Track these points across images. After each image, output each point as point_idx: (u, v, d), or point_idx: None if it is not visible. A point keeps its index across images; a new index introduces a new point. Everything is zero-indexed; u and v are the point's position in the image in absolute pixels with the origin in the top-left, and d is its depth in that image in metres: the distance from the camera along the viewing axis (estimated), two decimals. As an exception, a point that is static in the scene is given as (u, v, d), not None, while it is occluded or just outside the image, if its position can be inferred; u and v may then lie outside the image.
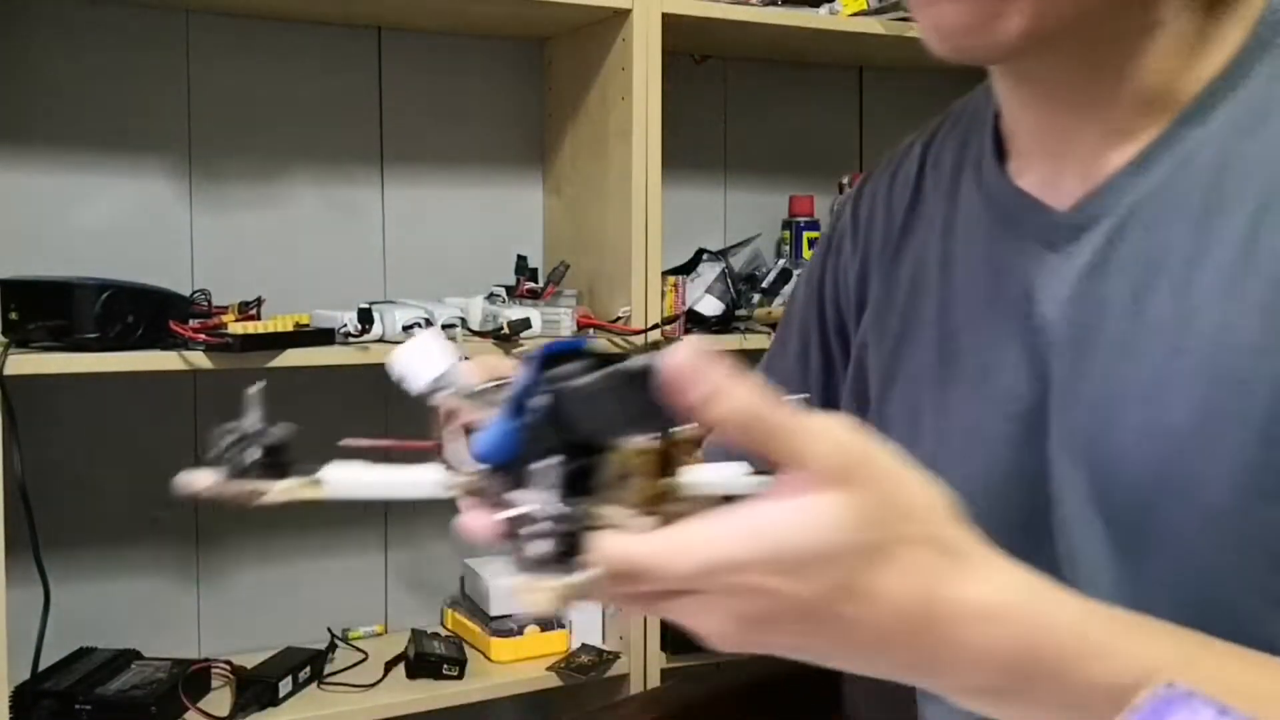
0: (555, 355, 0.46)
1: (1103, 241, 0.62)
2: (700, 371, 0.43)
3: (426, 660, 1.68)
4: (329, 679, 1.66)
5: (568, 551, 0.42)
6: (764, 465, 0.47)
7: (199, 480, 0.49)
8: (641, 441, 0.44)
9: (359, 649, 1.75)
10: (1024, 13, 0.56)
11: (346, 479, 0.50)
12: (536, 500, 0.44)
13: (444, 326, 1.59)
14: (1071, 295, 0.63)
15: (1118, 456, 0.60)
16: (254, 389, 0.50)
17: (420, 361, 0.58)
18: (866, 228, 0.81)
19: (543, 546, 0.43)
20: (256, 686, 1.58)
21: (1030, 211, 0.66)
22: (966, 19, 0.57)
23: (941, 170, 0.76)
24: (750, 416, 0.43)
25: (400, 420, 1.91)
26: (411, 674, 1.68)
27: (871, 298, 0.79)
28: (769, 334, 1.71)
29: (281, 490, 0.49)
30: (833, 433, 0.44)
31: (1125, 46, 0.60)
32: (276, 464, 0.50)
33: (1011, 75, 0.65)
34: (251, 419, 0.51)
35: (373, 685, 1.64)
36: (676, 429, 0.45)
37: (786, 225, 2.06)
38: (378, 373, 1.75)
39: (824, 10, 1.84)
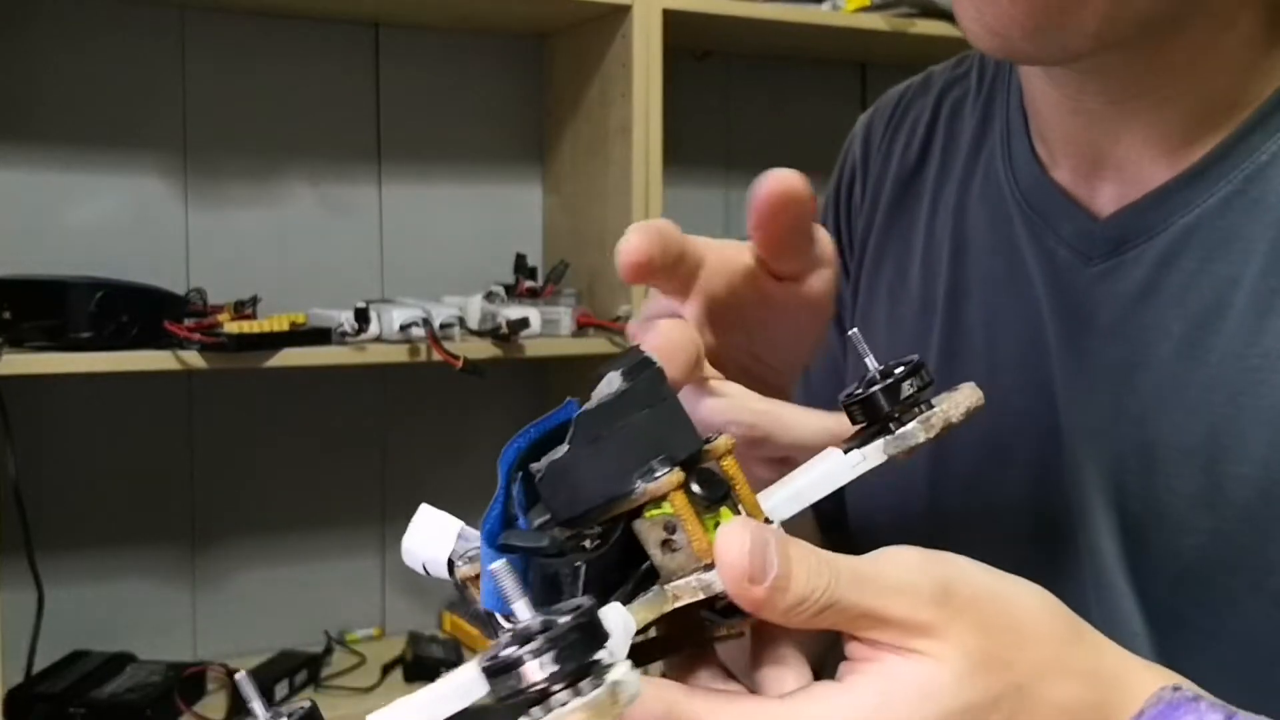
0: (538, 444, 0.38)
1: (1153, 265, 0.55)
2: (761, 551, 0.36)
3: (424, 663, 1.67)
4: (326, 682, 1.65)
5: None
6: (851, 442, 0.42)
7: None
8: (663, 481, 0.36)
9: (356, 652, 1.74)
10: (1098, 13, 0.49)
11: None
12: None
13: (442, 326, 1.57)
14: (1113, 322, 0.56)
15: (1162, 519, 0.53)
16: (241, 676, 0.37)
17: (434, 539, 0.46)
18: (878, 171, 0.73)
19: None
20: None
21: (1066, 213, 0.59)
22: (1031, 18, 0.49)
23: (959, 132, 0.68)
24: (831, 599, 0.36)
25: (400, 420, 1.90)
26: (409, 677, 1.67)
27: (868, 256, 0.71)
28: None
29: None
30: (909, 576, 0.38)
31: (1193, 49, 0.53)
32: None
33: (1055, 72, 0.57)
34: (257, 711, 0.37)
35: (370, 689, 1.63)
36: (704, 442, 0.38)
37: (788, 223, 2.04)
38: (375, 373, 1.76)
39: (826, 6, 1.83)
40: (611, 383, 0.38)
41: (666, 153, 1.70)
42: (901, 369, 0.42)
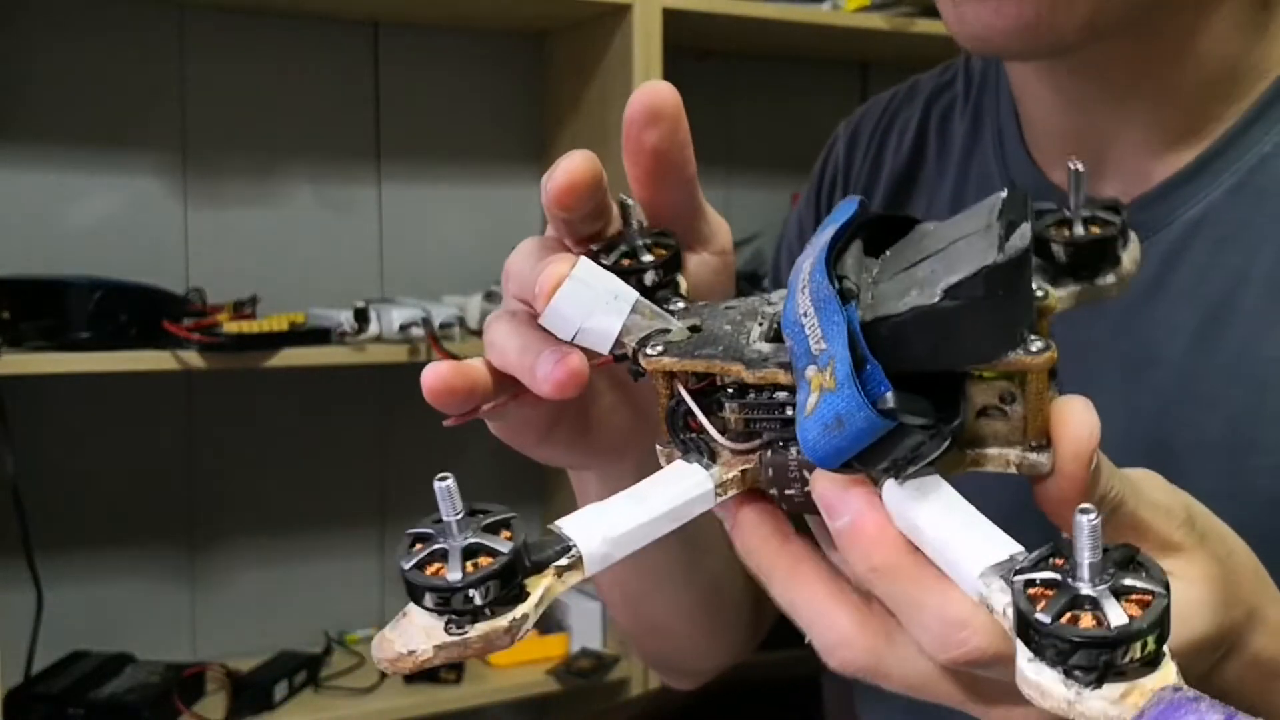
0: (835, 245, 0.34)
1: (1160, 260, 0.55)
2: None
3: (424, 664, 1.66)
4: (325, 683, 1.65)
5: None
6: None
7: (419, 649, 0.32)
8: (1043, 358, 0.33)
9: (355, 652, 1.73)
10: (1088, 2, 0.49)
11: (602, 542, 0.34)
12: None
13: (441, 326, 1.57)
14: (1120, 318, 0.55)
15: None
16: (445, 482, 0.34)
17: (602, 304, 0.39)
18: (866, 175, 0.72)
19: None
20: (251, 690, 1.56)
21: None
22: (1020, 19, 0.49)
23: (949, 140, 0.68)
24: (1119, 500, 0.35)
25: (400, 420, 1.90)
26: (408, 678, 1.65)
27: None
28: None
29: (539, 603, 0.33)
30: (1164, 496, 0.37)
31: (1182, 33, 0.53)
32: (507, 570, 0.33)
33: (1047, 69, 0.57)
34: (451, 521, 0.34)
35: (369, 689, 1.62)
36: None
37: (788, 223, 2.04)
38: (375, 373, 1.75)
39: (826, 6, 1.83)
40: (986, 222, 0.34)
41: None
42: (1121, 217, 0.39)
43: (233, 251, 1.74)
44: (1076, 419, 0.34)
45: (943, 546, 0.33)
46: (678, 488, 0.36)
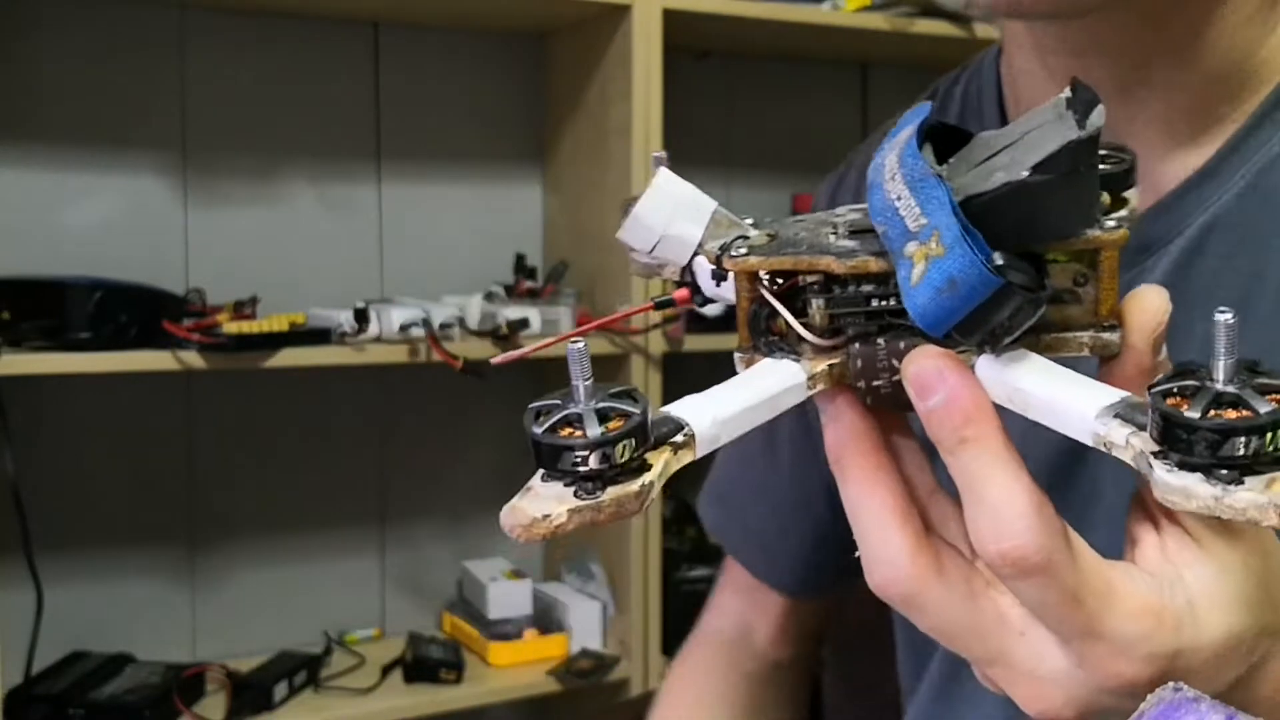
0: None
1: (1172, 268, 0.54)
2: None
3: (424, 664, 1.66)
4: (325, 683, 1.64)
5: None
6: None
7: (554, 513, 0.32)
8: (1118, 234, 0.35)
9: (355, 653, 1.74)
10: None
11: (712, 423, 0.35)
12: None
13: (441, 326, 1.57)
14: None
15: None
16: (579, 344, 0.34)
17: (684, 212, 0.40)
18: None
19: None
20: (251, 691, 1.56)
21: None
22: None
23: None
24: None
25: (400, 420, 1.90)
26: (409, 678, 1.66)
27: None
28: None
29: (662, 473, 0.33)
30: None
31: (1194, 21, 0.52)
32: (641, 428, 0.33)
33: (1055, 53, 0.56)
34: (580, 385, 0.34)
35: (369, 690, 1.62)
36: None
37: (788, 223, 2.04)
38: (375, 373, 1.75)
39: (826, 6, 1.83)
40: (1057, 113, 0.35)
41: (666, 152, 1.69)
42: (1130, 156, 0.40)
43: (233, 252, 1.74)
44: (1149, 298, 0.35)
45: (1051, 400, 0.34)
46: (773, 378, 0.37)
